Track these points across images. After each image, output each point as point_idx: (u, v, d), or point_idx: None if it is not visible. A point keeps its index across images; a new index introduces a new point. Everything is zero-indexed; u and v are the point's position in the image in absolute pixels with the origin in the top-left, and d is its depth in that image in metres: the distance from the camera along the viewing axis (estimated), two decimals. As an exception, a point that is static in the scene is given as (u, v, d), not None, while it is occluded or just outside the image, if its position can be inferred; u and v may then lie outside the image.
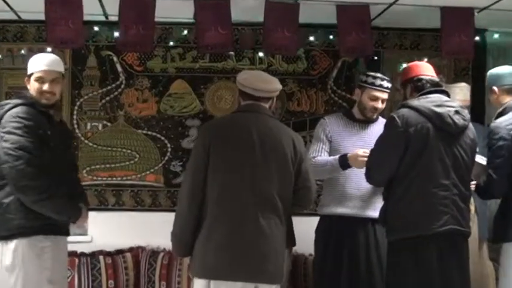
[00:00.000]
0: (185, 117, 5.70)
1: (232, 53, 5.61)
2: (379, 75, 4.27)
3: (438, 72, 3.92)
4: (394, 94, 5.04)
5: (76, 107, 5.60)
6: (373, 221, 4.05)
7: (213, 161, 3.24)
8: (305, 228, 4.26)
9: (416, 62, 3.91)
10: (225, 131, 3.33)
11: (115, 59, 5.62)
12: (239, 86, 3.43)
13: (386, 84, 4.21)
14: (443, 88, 3.65)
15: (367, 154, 3.75)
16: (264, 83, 3.39)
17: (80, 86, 5.61)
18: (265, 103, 3.41)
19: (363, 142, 4.14)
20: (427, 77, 3.62)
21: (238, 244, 3.17)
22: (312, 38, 5.62)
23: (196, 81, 5.68)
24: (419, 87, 3.60)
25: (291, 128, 4.09)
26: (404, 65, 4.32)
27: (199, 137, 3.42)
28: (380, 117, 4.32)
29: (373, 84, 4.18)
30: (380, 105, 4.23)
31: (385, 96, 4.22)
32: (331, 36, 5.57)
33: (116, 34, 5.04)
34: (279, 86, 3.47)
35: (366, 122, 4.28)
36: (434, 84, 3.61)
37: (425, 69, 3.70)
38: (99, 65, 5.62)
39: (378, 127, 4.03)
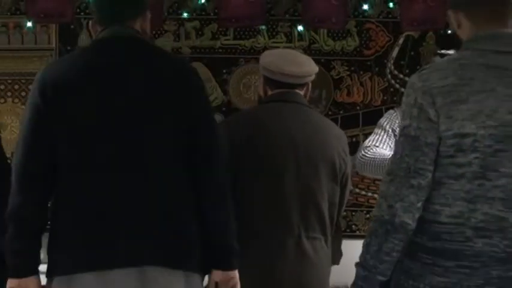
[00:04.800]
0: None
1: (263, 27, 5.54)
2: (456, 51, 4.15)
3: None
4: None
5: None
6: None
7: (242, 168, 3.19)
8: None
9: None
10: (256, 128, 3.27)
11: None
12: (263, 72, 3.35)
13: None
14: None
15: None
16: (296, 65, 3.30)
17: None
18: (300, 90, 3.32)
19: None
20: None
21: (274, 274, 3.17)
22: (365, 7, 5.48)
23: (217, 65, 5.63)
24: None
25: (339, 124, 3.99)
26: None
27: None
28: None
29: None
30: None
31: None
32: (391, 4, 5.45)
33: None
34: (315, 68, 3.37)
35: None
36: None
37: None
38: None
39: None
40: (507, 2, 2.24)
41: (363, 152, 3.77)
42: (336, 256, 3.56)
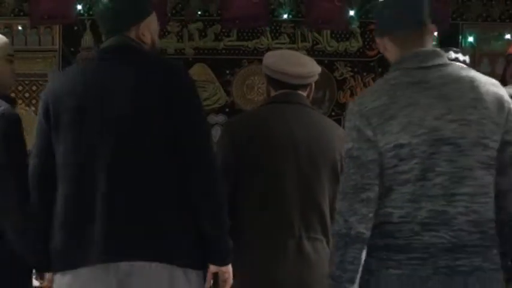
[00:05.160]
0: (207, 112, 5.61)
1: (267, 27, 5.56)
2: (451, 48, 4.15)
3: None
4: None
5: (68, 98, 5.61)
6: None
7: (243, 168, 3.18)
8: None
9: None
10: (257, 129, 3.25)
11: None
12: (267, 72, 3.33)
13: (462, 57, 4.10)
14: None
15: None
16: (299, 66, 3.29)
17: (72, 72, 5.59)
18: (303, 91, 3.30)
19: None
20: None
21: (275, 274, 3.14)
22: (369, 8, 5.47)
23: (220, 66, 5.65)
24: None
25: (342, 125, 3.97)
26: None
27: (222, 139, 3.35)
28: None
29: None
30: None
31: None
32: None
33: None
34: (317, 69, 3.35)
35: None
36: None
37: None
38: (97, 44, 5.46)
39: None
40: (424, 23, 2.45)
41: None
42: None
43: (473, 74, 2.44)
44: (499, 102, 2.37)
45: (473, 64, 4.75)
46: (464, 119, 2.33)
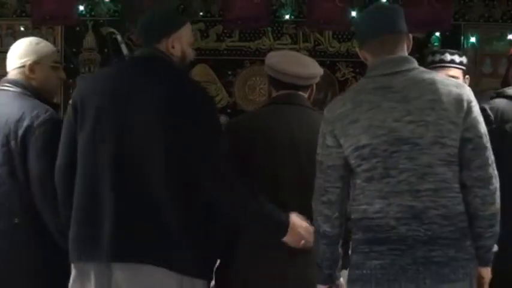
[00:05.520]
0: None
1: (268, 28, 5.57)
2: (447, 50, 4.16)
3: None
4: (480, 80, 4.92)
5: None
6: None
7: (244, 169, 3.08)
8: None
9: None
10: (258, 130, 3.22)
11: (119, 38, 5.64)
12: (269, 72, 3.29)
13: (458, 58, 4.10)
14: None
15: None
16: (301, 66, 3.28)
17: (75, 72, 5.56)
18: (304, 92, 3.29)
19: None
20: None
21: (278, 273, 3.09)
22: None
23: (222, 66, 5.67)
24: None
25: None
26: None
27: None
28: None
29: (442, 61, 4.07)
30: None
31: (458, 74, 4.11)
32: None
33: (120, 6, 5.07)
34: (320, 70, 3.32)
35: None
36: None
37: None
38: (99, 46, 5.68)
39: None
40: (395, 32, 2.61)
41: None
42: (346, 260, 3.54)
43: (435, 76, 2.59)
44: (458, 102, 2.50)
45: (475, 65, 4.78)
46: (422, 120, 2.49)
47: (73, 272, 2.90)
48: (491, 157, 2.55)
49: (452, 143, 2.49)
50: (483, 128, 2.54)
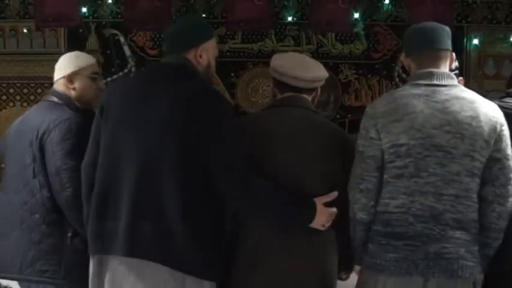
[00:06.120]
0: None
1: (271, 30, 5.57)
2: None
3: None
4: (483, 82, 4.91)
5: (73, 101, 5.64)
6: None
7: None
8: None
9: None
10: (259, 132, 3.24)
11: (122, 39, 5.64)
12: (274, 74, 3.31)
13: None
14: None
15: None
16: (305, 69, 3.30)
17: (77, 74, 5.61)
18: (308, 95, 3.31)
19: None
20: None
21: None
22: (373, 10, 5.57)
23: (225, 68, 5.56)
24: None
25: (347, 128, 3.98)
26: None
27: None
28: None
29: None
30: None
31: None
32: (398, 8, 5.49)
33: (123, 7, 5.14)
34: (324, 73, 3.36)
35: None
36: None
37: None
38: (101, 47, 5.63)
39: None
40: (440, 49, 2.90)
41: None
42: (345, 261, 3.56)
43: (475, 96, 2.85)
44: (493, 123, 2.79)
45: (478, 67, 4.77)
46: (459, 132, 2.76)
47: (91, 264, 3.05)
48: None
49: (480, 159, 2.77)
50: (510, 150, 2.81)
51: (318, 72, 3.33)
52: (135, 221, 2.93)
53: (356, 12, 5.32)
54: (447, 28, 3.00)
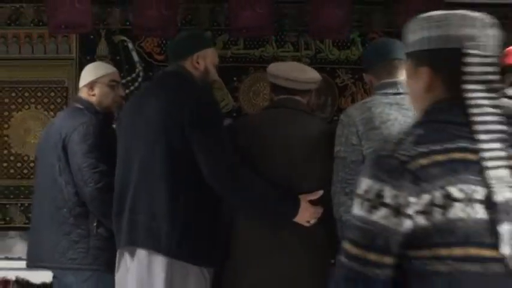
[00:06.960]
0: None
1: (272, 37, 5.65)
2: None
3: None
4: None
5: (84, 105, 5.67)
6: None
7: None
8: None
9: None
10: (252, 132, 3.37)
11: (130, 46, 5.71)
12: (270, 79, 3.46)
13: None
14: None
15: None
16: (299, 72, 3.42)
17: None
18: (303, 97, 3.41)
19: None
20: None
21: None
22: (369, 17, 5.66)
23: (228, 73, 5.64)
24: None
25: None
26: None
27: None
28: None
29: None
30: None
31: None
32: (393, 15, 5.51)
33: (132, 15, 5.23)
34: (318, 76, 3.47)
35: None
36: None
37: None
38: (111, 53, 5.69)
39: None
40: (396, 59, 3.07)
41: None
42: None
43: None
44: None
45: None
46: None
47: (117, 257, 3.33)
48: None
49: None
50: None
51: (312, 74, 3.44)
52: (132, 216, 3.21)
53: (352, 19, 5.39)
54: (399, 41, 2.96)
